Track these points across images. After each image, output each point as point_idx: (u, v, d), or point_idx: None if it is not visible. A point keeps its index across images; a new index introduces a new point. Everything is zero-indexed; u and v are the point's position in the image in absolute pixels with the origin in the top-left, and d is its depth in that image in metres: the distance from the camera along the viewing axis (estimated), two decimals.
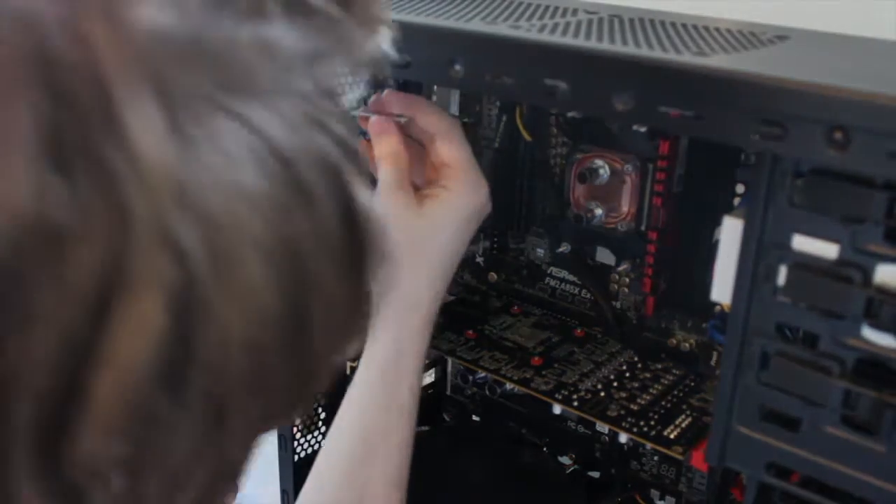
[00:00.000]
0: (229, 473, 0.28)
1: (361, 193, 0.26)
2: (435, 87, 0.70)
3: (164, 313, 0.22)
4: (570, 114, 0.63)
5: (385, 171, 0.56)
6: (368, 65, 0.28)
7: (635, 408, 0.57)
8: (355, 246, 0.26)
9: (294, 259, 0.24)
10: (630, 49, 0.43)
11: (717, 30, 0.50)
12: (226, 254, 0.22)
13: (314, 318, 0.25)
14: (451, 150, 0.57)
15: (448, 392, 0.82)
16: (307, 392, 0.28)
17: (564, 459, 0.72)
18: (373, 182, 0.56)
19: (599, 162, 0.60)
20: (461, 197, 0.57)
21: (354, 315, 0.28)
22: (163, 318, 0.22)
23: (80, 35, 0.21)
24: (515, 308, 0.70)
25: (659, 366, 0.62)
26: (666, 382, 0.60)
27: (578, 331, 0.67)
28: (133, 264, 0.21)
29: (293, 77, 0.24)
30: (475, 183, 0.58)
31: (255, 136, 0.23)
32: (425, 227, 0.56)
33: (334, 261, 0.25)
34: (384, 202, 0.55)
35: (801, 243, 0.39)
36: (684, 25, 0.51)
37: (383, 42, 0.28)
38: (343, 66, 0.26)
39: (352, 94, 0.26)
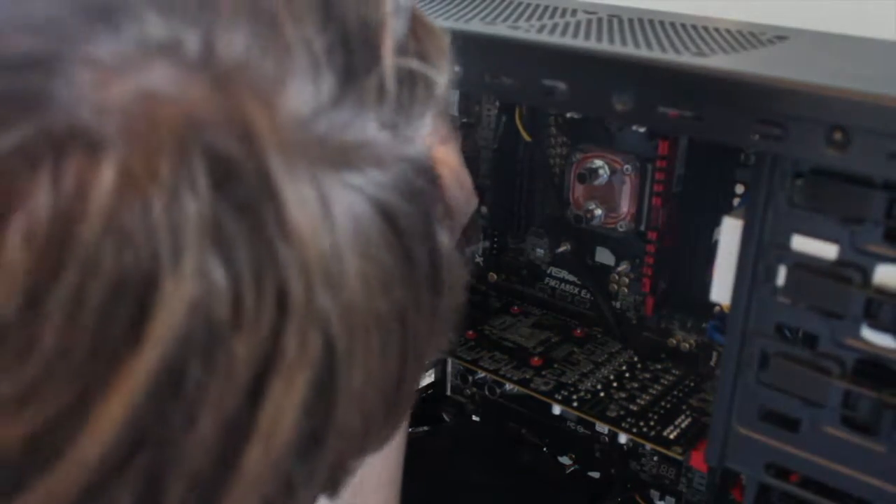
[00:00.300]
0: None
1: (447, 249, 0.28)
2: None
3: (311, 387, 0.23)
4: (569, 114, 0.62)
5: None
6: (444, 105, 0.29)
7: (635, 408, 0.57)
8: (441, 303, 0.28)
9: (401, 326, 0.26)
10: (629, 49, 0.42)
11: (717, 30, 0.50)
12: (358, 328, 0.24)
13: (408, 370, 0.27)
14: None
15: (448, 392, 0.82)
16: (394, 430, 0.30)
17: (564, 459, 0.72)
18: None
19: (599, 162, 0.60)
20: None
21: (437, 348, 0.30)
22: (310, 390, 0.23)
23: (242, 125, 0.21)
24: (515, 308, 0.70)
25: (659, 366, 0.62)
26: (666, 383, 0.60)
27: (578, 331, 0.67)
28: (288, 345, 0.22)
29: (402, 147, 0.25)
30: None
31: (377, 214, 0.24)
32: None
33: (426, 314, 0.27)
34: None
35: (801, 243, 0.39)
36: (684, 25, 0.51)
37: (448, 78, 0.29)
38: (433, 118, 0.27)
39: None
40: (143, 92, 0.20)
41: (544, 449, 0.73)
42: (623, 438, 0.56)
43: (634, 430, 0.55)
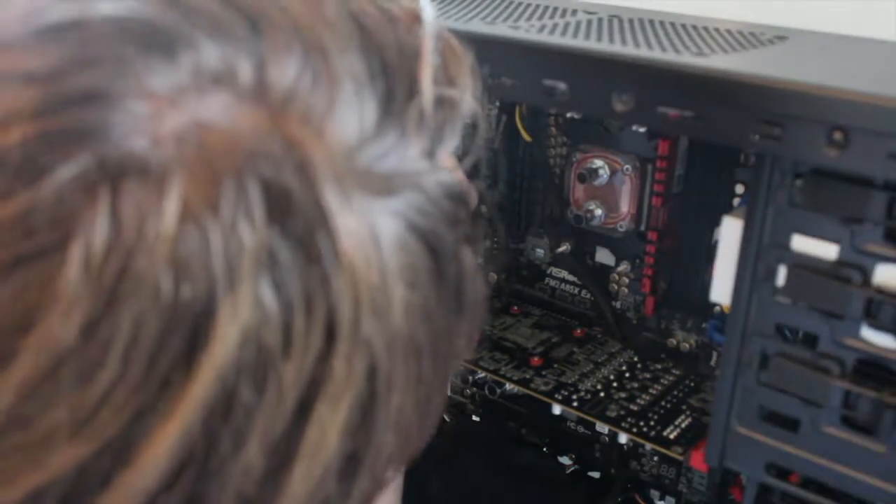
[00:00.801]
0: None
1: (468, 260, 0.28)
2: None
3: (354, 410, 0.23)
4: (569, 114, 0.62)
5: None
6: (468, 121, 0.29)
7: (635, 408, 0.57)
8: (466, 310, 0.28)
9: (435, 345, 0.26)
10: (629, 49, 0.42)
11: (717, 30, 0.50)
12: (399, 354, 0.24)
13: (438, 388, 0.28)
14: None
15: (448, 392, 0.82)
16: (423, 444, 0.30)
17: (564, 459, 0.72)
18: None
19: (599, 162, 0.60)
20: None
21: (462, 359, 0.30)
22: (353, 413, 0.23)
23: (297, 156, 0.21)
24: (515, 308, 0.70)
25: (659, 366, 0.62)
26: (665, 383, 0.60)
27: (578, 331, 0.67)
28: (335, 371, 0.22)
29: (439, 174, 0.26)
30: None
31: (420, 242, 0.24)
32: None
33: (455, 331, 0.28)
34: None
35: (801, 243, 0.39)
36: (683, 26, 0.51)
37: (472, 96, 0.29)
38: (458, 135, 0.28)
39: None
40: (198, 122, 0.21)
41: (544, 449, 0.73)
42: (623, 438, 0.56)
43: (634, 430, 0.55)
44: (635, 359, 0.63)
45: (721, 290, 0.42)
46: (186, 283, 0.20)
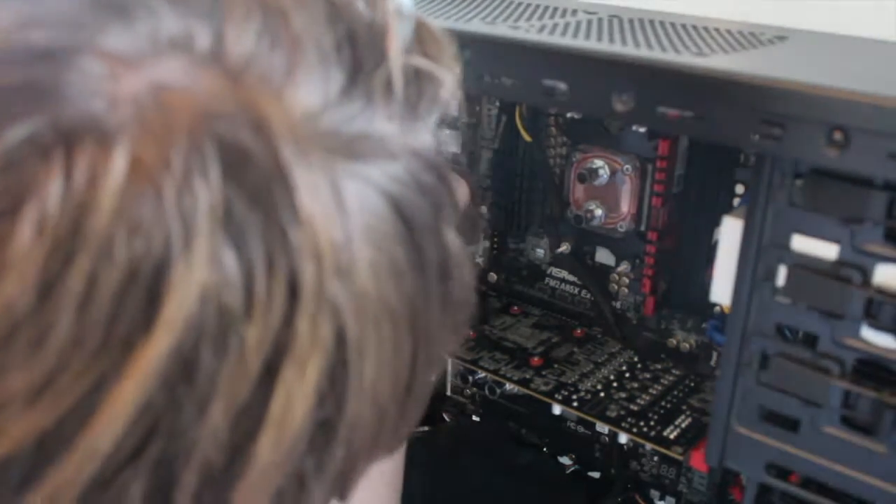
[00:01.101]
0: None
1: (453, 243, 0.28)
2: None
3: (323, 376, 0.23)
4: (569, 114, 0.62)
5: None
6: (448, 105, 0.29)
7: (635, 408, 0.57)
8: (451, 293, 0.28)
9: (412, 319, 0.26)
10: (629, 49, 0.42)
11: (717, 30, 0.50)
12: (369, 318, 0.24)
13: (420, 366, 0.27)
14: None
15: (448, 392, 0.82)
16: (407, 431, 0.30)
17: (564, 459, 0.72)
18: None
19: (599, 162, 0.60)
20: None
21: (448, 347, 0.30)
22: (322, 379, 0.23)
23: (254, 116, 0.21)
24: (515, 308, 0.70)
25: (659, 366, 0.62)
26: (666, 383, 0.60)
27: (578, 331, 0.67)
28: (299, 333, 0.22)
29: (411, 141, 0.25)
30: None
31: (388, 205, 0.24)
32: None
33: (436, 309, 0.27)
34: None
35: (801, 243, 0.39)
36: (683, 26, 0.51)
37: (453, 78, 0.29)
38: (436, 114, 0.28)
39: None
40: (154, 84, 0.21)
41: (544, 449, 0.73)
42: (623, 438, 0.56)
43: (634, 430, 0.55)
44: (635, 359, 0.63)
45: (721, 290, 0.42)
46: (140, 241, 0.20)
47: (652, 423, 0.55)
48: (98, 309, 0.20)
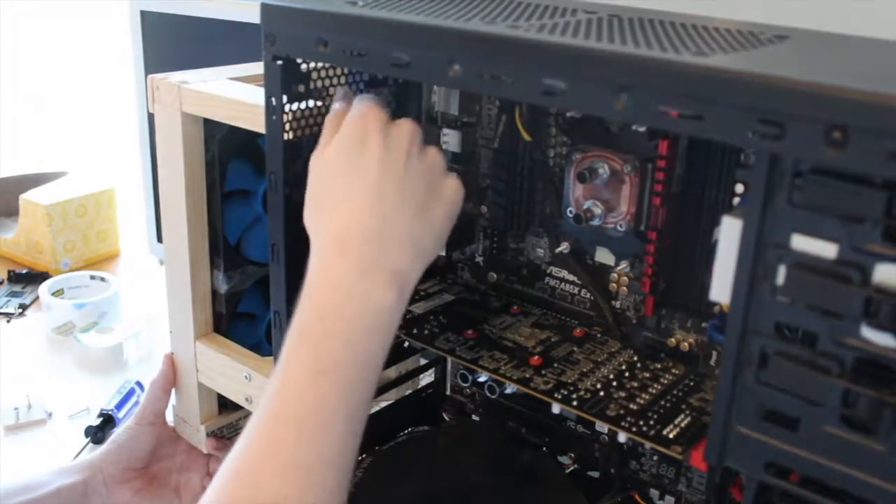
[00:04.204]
0: None
1: None
2: (434, 86, 0.71)
3: None
4: (569, 113, 0.63)
5: None
6: None
7: (635, 407, 0.57)
8: None
9: None
10: (629, 49, 0.43)
11: (717, 29, 0.50)
12: None
13: None
14: None
15: (448, 392, 0.82)
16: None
17: (564, 459, 0.72)
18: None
19: (599, 162, 0.60)
20: None
21: None
22: None
23: None
24: (515, 308, 0.70)
25: (658, 365, 0.62)
26: (665, 382, 0.60)
27: (578, 330, 0.67)
28: None
29: None
30: None
31: None
32: None
33: None
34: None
35: (800, 243, 0.39)
36: (684, 25, 0.51)
37: None
38: None
39: None
40: None
41: (544, 449, 0.73)
42: (623, 438, 0.56)
43: (634, 429, 0.55)
44: (635, 358, 0.63)
45: (721, 289, 0.42)
46: None
47: (651, 422, 0.55)
48: None
